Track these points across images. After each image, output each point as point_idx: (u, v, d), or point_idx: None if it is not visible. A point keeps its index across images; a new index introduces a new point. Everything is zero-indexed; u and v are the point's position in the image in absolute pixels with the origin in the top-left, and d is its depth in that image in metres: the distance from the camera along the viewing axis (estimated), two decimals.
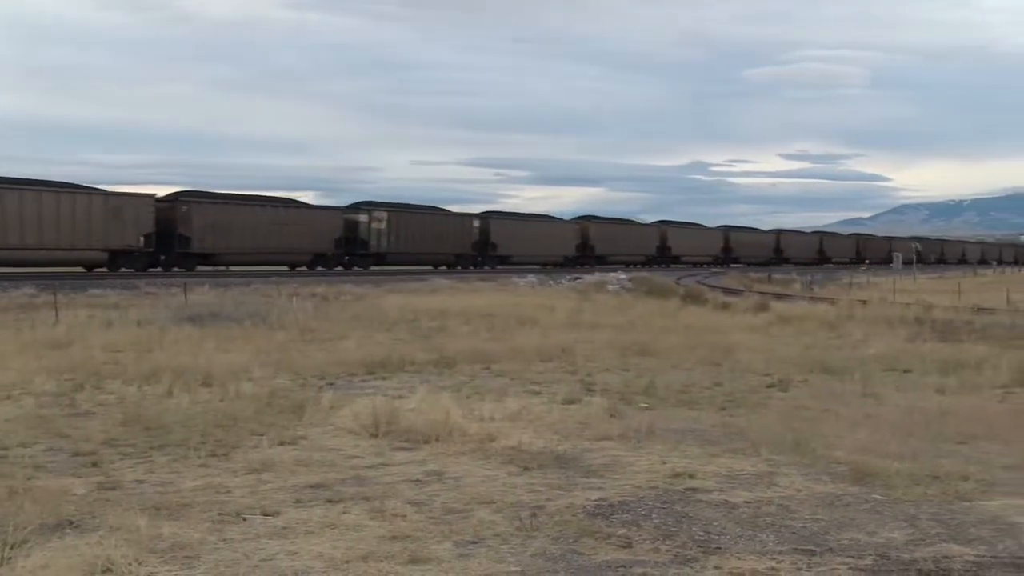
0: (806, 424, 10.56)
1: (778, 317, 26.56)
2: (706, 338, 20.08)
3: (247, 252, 54.13)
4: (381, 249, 61.52)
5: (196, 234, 51.56)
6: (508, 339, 19.52)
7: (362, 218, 60.78)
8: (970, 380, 14.35)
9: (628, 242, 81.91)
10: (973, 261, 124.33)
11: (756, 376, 15.11)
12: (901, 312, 27.53)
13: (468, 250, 68.07)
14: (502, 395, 12.25)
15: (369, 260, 60.68)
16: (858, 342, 20.51)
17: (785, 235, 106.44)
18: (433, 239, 64.70)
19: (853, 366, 15.80)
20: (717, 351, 18.03)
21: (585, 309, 28.87)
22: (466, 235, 68.06)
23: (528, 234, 72.26)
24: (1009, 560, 5.98)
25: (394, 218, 62.60)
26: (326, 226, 58.83)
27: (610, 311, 28.79)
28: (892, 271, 68.80)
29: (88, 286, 34.91)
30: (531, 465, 8.41)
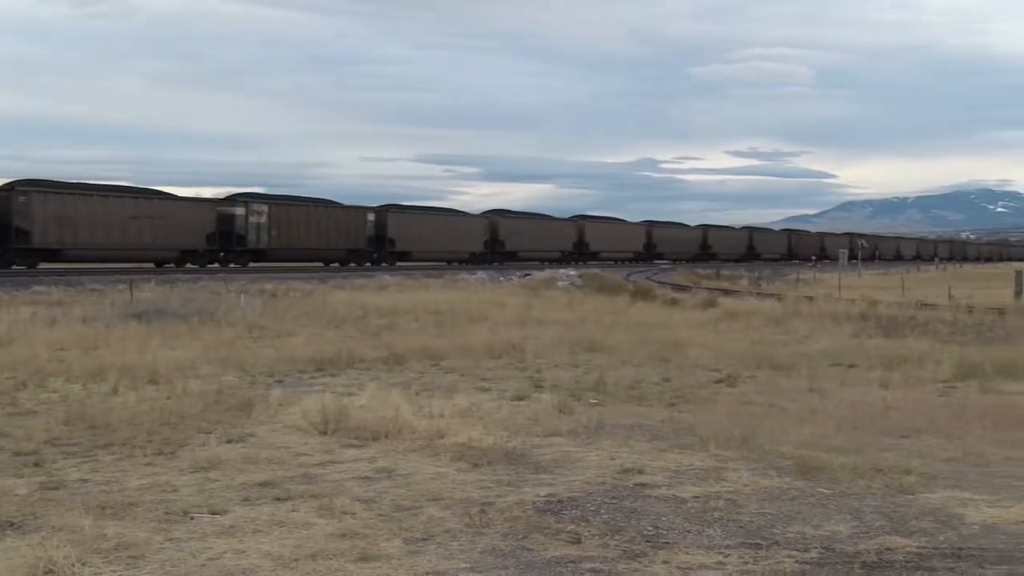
0: (753, 419, 10.65)
1: (726, 313, 26.75)
2: (655, 334, 20.18)
3: (99, 248, 48.86)
4: (261, 245, 56.67)
5: (37, 228, 45.96)
6: (458, 336, 19.50)
7: (238, 211, 55.71)
8: (913, 375, 14.55)
9: (542, 238, 78.96)
10: (908, 257, 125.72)
11: (704, 372, 15.22)
12: (846, 308, 27.83)
13: (362, 245, 63.18)
14: (452, 392, 12.24)
15: (247, 257, 55.92)
16: (804, 338, 20.72)
17: (712, 231, 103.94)
18: (322, 234, 60.16)
19: (799, 361, 15.96)
20: (666, 347, 18.13)
21: (535, 305, 28.90)
22: (360, 229, 63.03)
23: (430, 228, 67.50)
24: (950, 551, 6.07)
25: (276, 211, 57.87)
26: (196, 220, 53.50)
27: (560, 307, 28.85)
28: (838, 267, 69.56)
29: (31, 283, 34.42)
30: (481, 461, 8.41)
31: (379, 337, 19.55)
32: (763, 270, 71.14)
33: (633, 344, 18.45)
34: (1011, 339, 20.30)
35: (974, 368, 14.74)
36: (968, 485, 7.77)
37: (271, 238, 57.23)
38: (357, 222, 63.34)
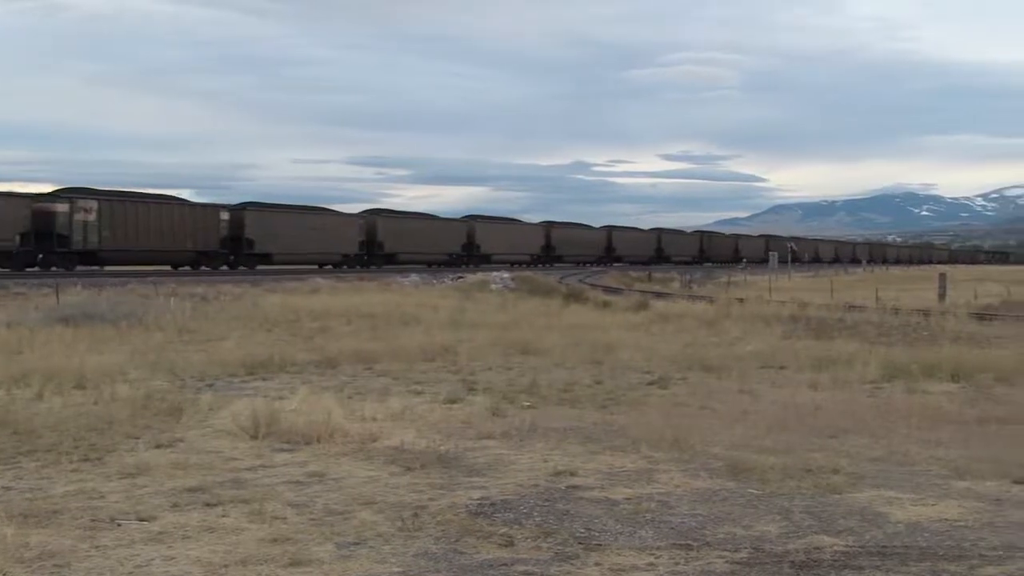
0: (685, 421, 10.73)
1: (658, 315, 26.95)
2: (588, 336, 20.27)
3: None
4: (89, 246, 50.55)
5: None
6: (391, 339, 19.43)
7: (60, 208, 49.91)
8: (841, 376, 14.76)
9: (426, 239, 74.09)
10: (826, 260, 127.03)
11: (637, 374, 15.31)
12: (777, 310, 28.18)
13: (215, 247, 57.16)
14: (384, 395, 12.19)
15: (73, 259, 50.11)
16: (735, 339, 20.94)
17: (618, 232, 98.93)
18: (166, 234, 54.24)
19: (730, 363, 16.12)
20: (599, 349, 18.21)
21: (468, 308, 28.87)
22: (212, 229, 57.01)
23: (295, 229, 61.87)
24: (876, 549, 6.17)
25: (108, 208, 51.69)
26: (4, 218, 47.53)
27: (493, 310, 28.85)
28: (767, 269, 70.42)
29: None
30: (413, 465, 8.38)
31: (311, 340, 19.41)
32: (694, 272, 71.80)
33: (566, 347, 18.51)
34: (935, 340, 20.69)
35: (900, 369, 15.01)
36: (894, 484, 7.91)
37: (102, 238, 51.10)
38: (208, 221, 57.30)
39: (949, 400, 12.57)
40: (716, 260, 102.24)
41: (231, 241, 58.02)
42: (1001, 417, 11.28)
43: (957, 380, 14.45)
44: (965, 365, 15.33)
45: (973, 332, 22.81)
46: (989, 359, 16.39)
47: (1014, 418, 11.26)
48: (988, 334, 22.41)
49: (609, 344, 18.97)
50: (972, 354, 17.14)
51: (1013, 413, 11.60)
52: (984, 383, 14.02)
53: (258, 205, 63.24)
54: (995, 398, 12.86)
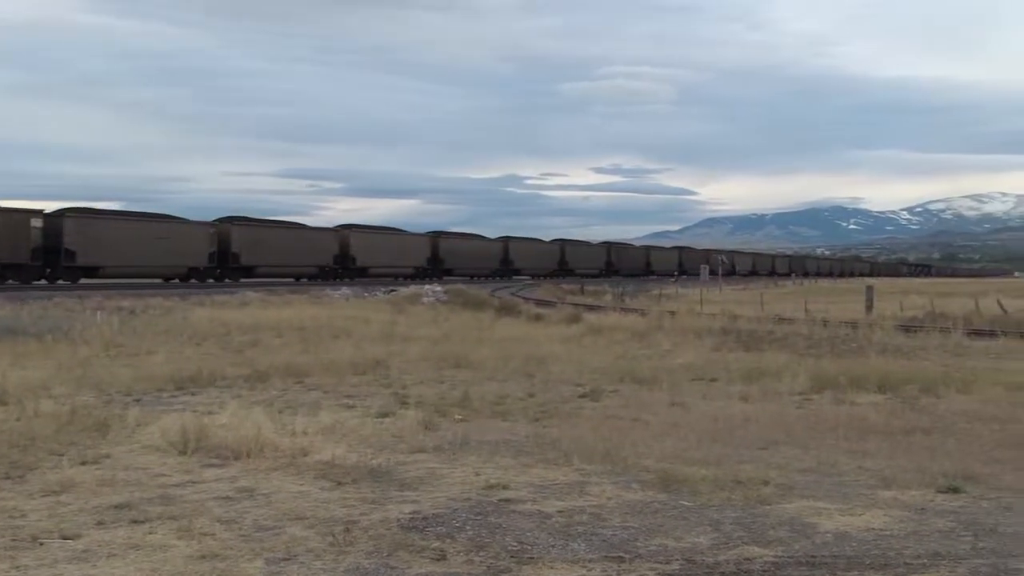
0: (617, 433, 10.79)
1: (590, 328, 27.09)
2: (520, 349, 20.31)
3: None
4: None
5: None
6: (322, 352, 19.31)
7: None
8: (771, 388, 14.95)
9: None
10: (743, 272, 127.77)
11: (569, 387, 15.37)
12: (707, 323, 28.45)
13: (26, 259, 49.82)
14: (315, 409, 12.11)
15: None
16: (667, 352, 21.11)
17: (515, 243, 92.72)
18: None
19: (662, 376, 16.25)
20: (531, 362, 18.26)
21: (400, 321, 28.80)
22: (23, 238, 49.74)
23: (131, 237, 55.21)
24: (804, 559, 6.25)
25: None
26: None
27: (425, 323, 28.80)
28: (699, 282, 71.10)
29: None
30: (344, 479, 8.33)
31: (241, 354, 19.22)
32: (626, 285, 72.25)
33: (498, 360, 18.52)
34: (862, 352, 21.04)
35: (828, 380, 15.24)
36: (822, 494, 8.02)
37: None
38: (19, 230, 49.86)
39: (876, 411, 12.78)
40: (626, 273, 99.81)
41: (46, 253, 51.14)
42: (925, 427, 11.51)
43: (884, 391, 14.70)
44: (891, 376, 15.61)
45: (899, 344, 23.22)
46: (914, 370, 16.73)
47: (937, 428, 11.49)
48: (913, 346, 22.84)
49: (541, 357, 19.03)
50: (898, 365, 17.47)
51: (936, 423, 11.84)
52: (909, 394, 14.28)
53: (80, 211, 55.52)
54: (920, 409, 13.11)
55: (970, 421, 12.02)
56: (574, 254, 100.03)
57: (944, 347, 22.72)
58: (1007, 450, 10.18)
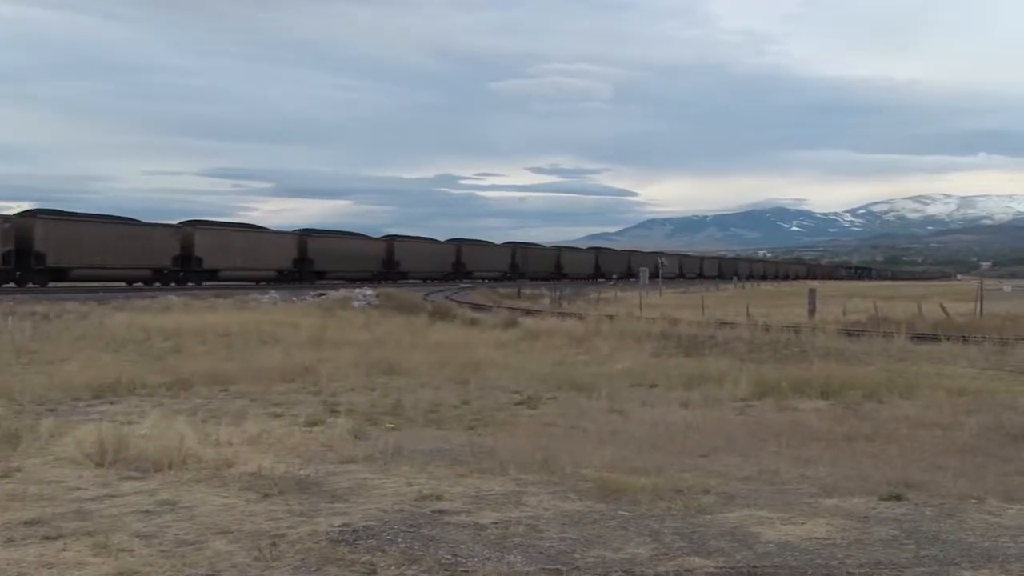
0: (554, 442, 10.82)
1: (527, 333, 27.16)
2: (455, 355, 20.30)
3: None
4: None
5: None
6: (248, 359, 19.14)
7: None
8: (712, 394, 15.09)
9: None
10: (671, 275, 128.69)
11: (505, 393, 15.39)
12: (647, 327, 28.65)
13: None
14: (241, 418, 11.99)
15: None
16: (605, 357, 21.21)
17: (401, 242, 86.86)
18: None
19: (601, 382, 16.33)
20: (466, 368, 18.25)
21: (330, 326, 28.64)
22: None
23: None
24: (746, 570, 6.30)
25: None
26: None
27: (356, 328, 28.67)
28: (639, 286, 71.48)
29: None
30: (271, 491, 8.25)
31: (163, 361, 18.99)
32: (564, 288, 72.45)
33: (432, 366, 18.50)
34: (805, 357, 21.31)
35: (770, 386, 15.43)
36: (764, 503, 8.09)
37: None
38: None
39: (818, 417, 12.95)
40: (533, 276, 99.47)
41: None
42: (868, 434, 11.68)
43: (826, 397, 14.91)
44: (834, 382, 15.83)
45: (842, 348, 23.56)
46: (857, 376, 16.98)
47: (880, 434, 11.67)
48: (856, 350, 23.19)
49: (477, 363, 19.03)
50: (841, 371, 17.71)
51: (879, 429, 12.02)
52: (852, 400, 14.50)
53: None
54: (862, 415, 13.30)
55: (913, 427, 12.22)
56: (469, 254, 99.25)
57: (887, 352, 23.10)
58: (949, 456, 10.36)
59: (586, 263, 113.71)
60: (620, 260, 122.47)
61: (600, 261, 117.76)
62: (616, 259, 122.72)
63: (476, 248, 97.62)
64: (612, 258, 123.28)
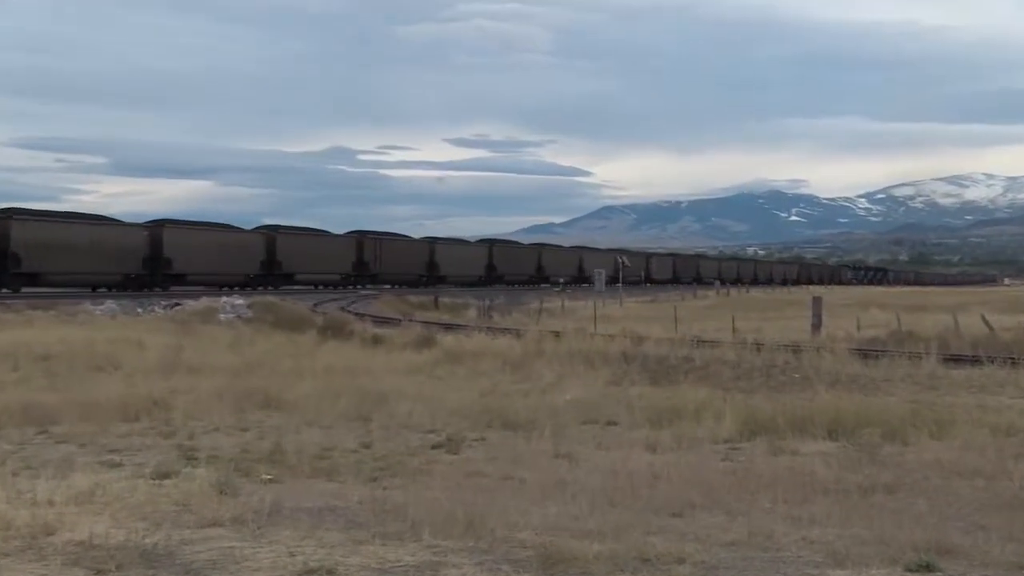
0: (482, 496, 10.80)
1: (447, 354, 27.16)
2: (353, 383, 20.25)
3: None
4: None
5: None
6: (76, 389, 18.94)
7: None
8: (688, 433, 15.17)
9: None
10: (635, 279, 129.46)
11: (418, 433, 15.37)
12: (603, 347, 28.74)
13: None
14: (66, 468, 11.85)
15: None
16: (550, 386, 21.26)
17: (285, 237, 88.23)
18: None
19: (543, 417, 16.35)
20: (367, 400, 18.21)
21: (188, 346, 28.42)
22: None
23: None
24: None
25: None
26: None
27: (222, 349, 28.49)
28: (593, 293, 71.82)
29: None
30: (106, 567, 8.16)
31: None
32: (496, 296, 72.56)
33: (322, 397, 18.44)
34: (808, 384, 21.50)
35: (763, 423, 15.55)
36: (755, 575, 8.14)
37: None
38: None
39: (825, 463, 13.05)
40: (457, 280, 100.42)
41: None
42: (889, 484, 11.80)
43: (835, 437, 15.04)
44: (845, 417, 15.98)
45: (855, 374, 23.80)
46: (875, 409, 17.15)
47: (904, 485, 11.79)
48: (874, 376, 23.44)
49: (382, 393, 19.00)
50: (854, 402, 17.88)
51: (903, 479, 12.14)
52: (868, 440, 14.63)
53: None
54: (882, 460, 13.44)
55: (947, 476, 12.36)
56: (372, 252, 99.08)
57: (913, 378, 23.37)
58: (993, 513, 10.48)
59: (526, 263, 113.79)
60: (569, 260, 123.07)
61: (544, 261, 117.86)
62: (564, 258, 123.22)
63: (384, 244, 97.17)
64: (559, 257, 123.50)
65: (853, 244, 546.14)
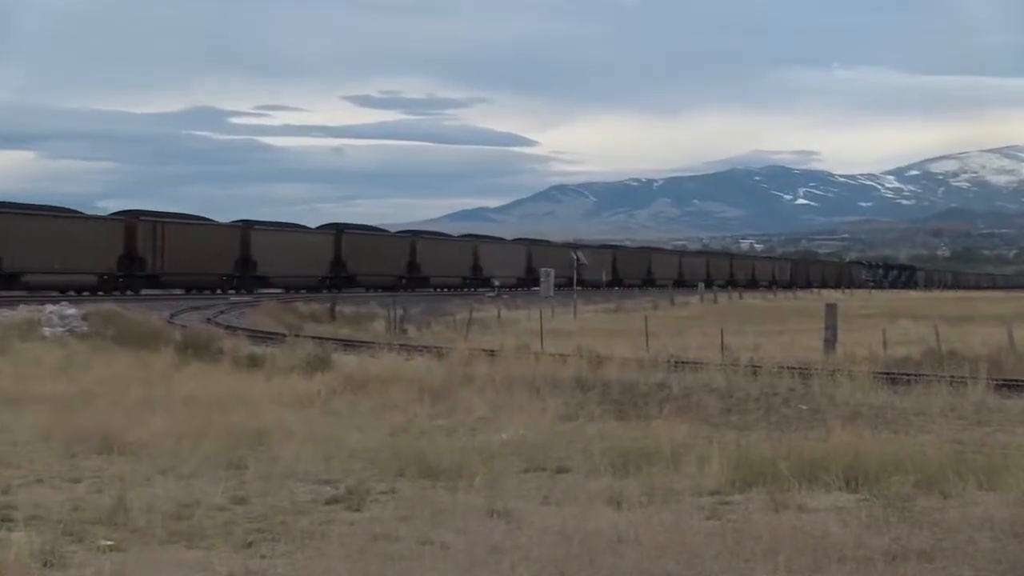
0: (393, 567, 10.80)
1: (346, 380, 27.10)
2: (222, 419, 20.17)
3: None
4: None
5: None
6: None
7: None
8: (663, 483, 15.20)
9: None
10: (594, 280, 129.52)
11: (308, 485, 15.33)
12: (553, 370, 28.74)
13: None
14: None
15: None
16: (481, 421, 21.28)
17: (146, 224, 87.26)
18: None
19: (472, 463, 16.34)
20: (241, 441, 18.16)
21: (3, 371, 28.26)
22: None
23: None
24: None
25: None
26: None
27: (47, 374, 28.31)
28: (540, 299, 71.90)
29: None
30: None
31: None
32: (413, 304, 72.45)
33: (181, 438, 18.34)
34: (819, 419, 21.60)
35: (761, 469, 15.58)
36: None
37: None
38: None
39: (841, 522, 13.12)
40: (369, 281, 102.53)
41: None
42: (925, 549, 11.85)
43: (855, 487, 15.10)
44: (868, 461, 16.04)
45: (881, 405, 23.92)
46: (906, 451, 17.22)
47: (945, 551, 11.84)
48: (905, 408, 23.56)
49: (260, 432, 18.94)
50: (880, 442, 17.96)
51: (943, 542, 12.19)
52: (898, 492, 14.69)
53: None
54: (916, 517, 13.49)
55: (999, 538, 12.44)
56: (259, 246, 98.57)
57: (956, 410, 23.51)
58: None
59: (456, 261, 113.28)
60: (510, 256, 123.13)
61: (482, 259, 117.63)
62: (503, 254, 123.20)
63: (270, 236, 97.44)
64: (496, 253, 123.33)
65: (878, 235, 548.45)
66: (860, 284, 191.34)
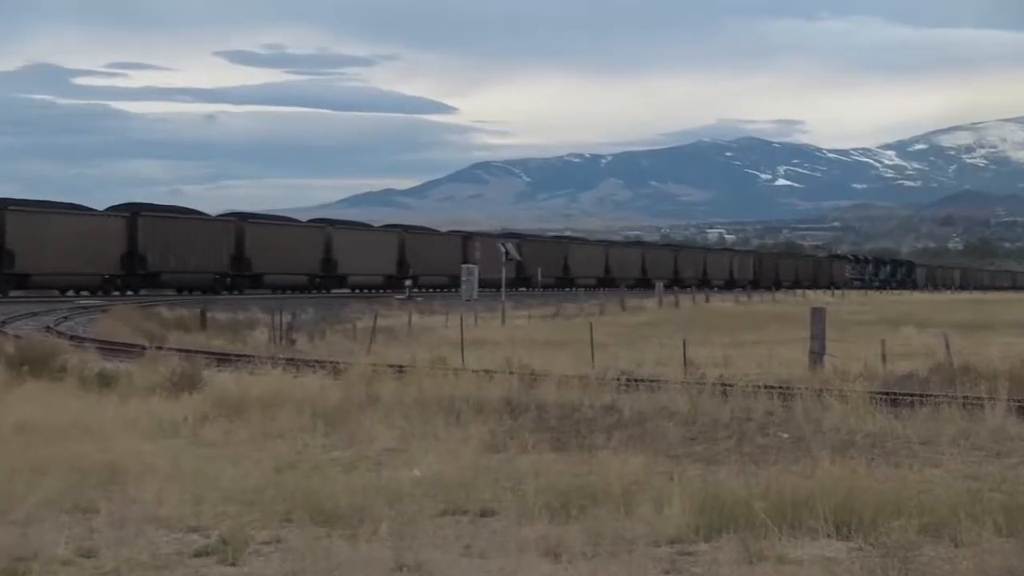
0: None
1: (220, 403, 27.05)
2: (66, 451, 20.11)
3: None
4: None
5: None
6: None
7: None
8: (612, 529, 15.25)
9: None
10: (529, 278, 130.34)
11: (173, 533, 15.34)
12: (476, 388, 28.78)
13: None
14: None
15: None
16: (387, 453, 21.30)
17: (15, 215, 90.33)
18: None
19: (377, 505, 16.35)
20: (89, 479, 18.12)
21: None
22: None
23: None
24: None
25: None
26: None
27: None
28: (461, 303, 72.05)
29: None
30: None
31: None
32: (305, 308, 72.57)
33: (14, 474, 18.29)
34: (803, 449, 21.68)
35: (732, 511, 15.65)
36: None
37: None
38: None
39: (830, 575, 13.19)
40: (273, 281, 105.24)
41: None
42: None
43: (847, 533, 15.19)
44: (863, 501, 16.14)
45: (879, 432, 24.05)
46: (910, 488, 17.32)
47: None
48: (908, 436, 23.68)
49: (113, 467, 18.90)
50: (876, 478, 18.07)
51: None
52: (900, 539, 14.78)
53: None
54: (921, 569, 13.58)
55: None
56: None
57: (971, 438, 23.63)
58: None
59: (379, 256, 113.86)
60: (425, 249, 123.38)
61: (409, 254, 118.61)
62: (435, 248, 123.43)
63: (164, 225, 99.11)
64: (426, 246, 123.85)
65: (875, 224, 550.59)
66: (844, 283, 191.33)
